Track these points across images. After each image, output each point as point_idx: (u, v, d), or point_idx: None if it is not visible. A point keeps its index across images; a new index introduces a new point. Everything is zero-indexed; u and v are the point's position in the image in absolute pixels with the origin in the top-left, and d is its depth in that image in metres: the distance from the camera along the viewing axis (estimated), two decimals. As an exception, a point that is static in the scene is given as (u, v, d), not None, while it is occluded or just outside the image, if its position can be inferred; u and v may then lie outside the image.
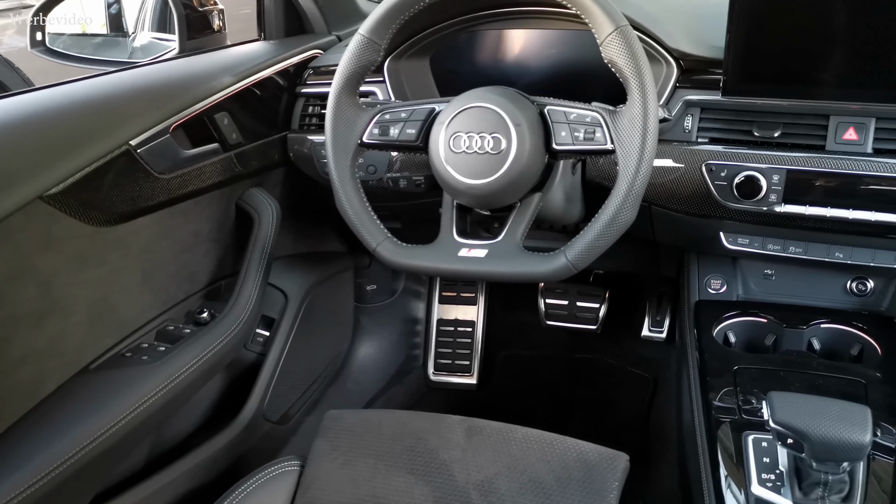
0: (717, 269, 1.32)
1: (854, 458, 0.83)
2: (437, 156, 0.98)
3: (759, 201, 1.08)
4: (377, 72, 1.28)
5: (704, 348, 1.17)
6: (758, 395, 1.04)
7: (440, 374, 1.94)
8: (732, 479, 0.94)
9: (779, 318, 1.22)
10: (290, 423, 1.52)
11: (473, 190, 0.97)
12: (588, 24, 0.92)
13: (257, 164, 1.38)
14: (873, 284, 1.23)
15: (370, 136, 1.04)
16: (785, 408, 0.84)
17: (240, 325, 1.25)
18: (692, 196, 1.13)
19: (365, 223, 1.04)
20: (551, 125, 0.96)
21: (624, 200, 0.91)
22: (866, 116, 1.03)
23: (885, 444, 0.95)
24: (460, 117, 0.97)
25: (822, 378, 1.08)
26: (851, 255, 1.14)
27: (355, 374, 1.80)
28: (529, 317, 1.87)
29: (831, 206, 1.06)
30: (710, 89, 1.09)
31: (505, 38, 1.32)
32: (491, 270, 0.98)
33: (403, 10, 0.99)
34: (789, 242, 1.16)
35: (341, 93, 1.03)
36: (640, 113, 0.89)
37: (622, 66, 0.90)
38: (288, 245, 1.58)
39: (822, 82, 1.02)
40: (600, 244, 0.93)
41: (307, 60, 1.45)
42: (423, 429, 1.10)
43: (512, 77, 1.31)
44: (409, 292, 1.97)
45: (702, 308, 1.27)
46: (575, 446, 1.04)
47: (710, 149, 1.11)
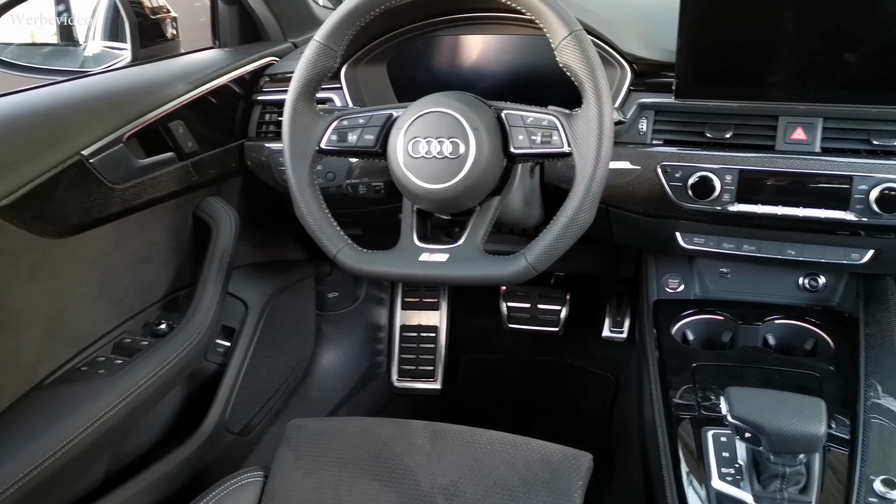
0: (674, 268, 1.34)
1: (810, 450, 0.85)
2: (396, 161, 0.98)
3: (713, 201, 1.10)
4: (334, 78, 1.27)
5: (664, 347, 1.19)
6: (716, 392, 1.06)
7: (404, 380, 1.93)
8: (693, 474, 0.96)
9: (735, 315, 1.24)
10: (253, 433, 1.50)
11: (433, 195, 0.97)
12: (543, 29, 0.93)
13: (214, 172, 1.36)
14: (824, 280, 1.26)
15: (328, 143, 1.03)
16: (742, 403, 0.85)
17: (199, 336, 1.23)
18: (648, 197, 1.15)
19: (325, 230, 1.03)
20: (509, 129, 0.97)
21: (582, 202, 0.92)
22: (814, 116, 1.06)
23: (839, 435, 0.98)
24: (418, 122, 0.97)
25: (778, 373, 1.11)
26: (803, 252, 1.17)
27: (318, 383, 1.78)
28: (492, 320, 1.88)
29: (782, 205, 1.08)
30: (663, 92, 1.11)
31: (461, 43, 1.32)
32: (452, 274, 0.98)
33: (359, 16, 0.99)
34: (743, 241, 1.19)
35: (298, 99, 1.03)
36: (595, 116, 0.90)
37: (577, 69, 0.91)
38: (247, 254, 1.57)
39: (770, 84, 1.05)
40: (559, 246, 0.94)
41: (263, 68, 1.44)
42: (387, 435, 1.09)
43: (469, 82, 1.31)
44: (372, 299, 1.96)
45: (660, 307, 1.29)
46: (539, 447, 1.04)
47: (664, 150, 1.13)
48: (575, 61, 0.91)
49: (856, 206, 1.04)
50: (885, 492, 0.87)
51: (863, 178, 1.03)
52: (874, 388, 1.03)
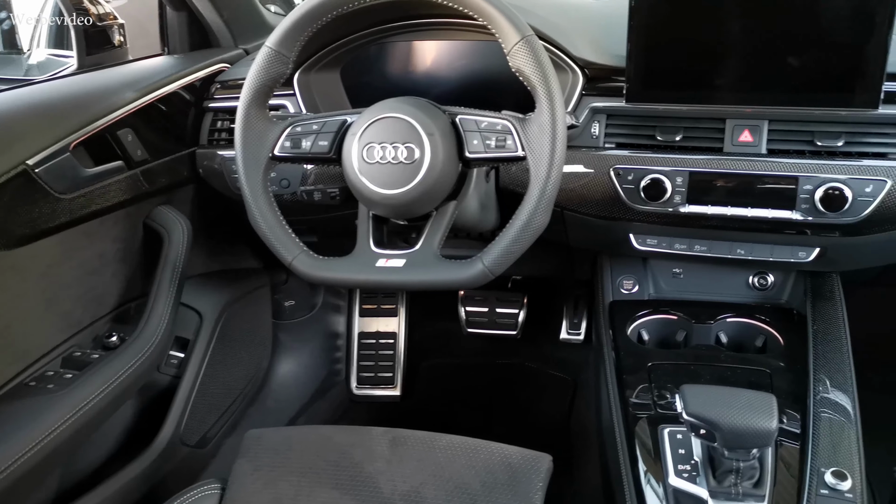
0: (628, 269, 1.36)
1: (762, 445, 0.87)
2: (351, 167, 0.98)
3: (665, 203, 1.12)
4: (287, 84, 1.26)
5: (620, 347, 1.21)
6: (671, 390, 1.08)
7: (363, 387, 1.92)
8: (651, 472, 0.97)
9: (688, 314, 1.27)
10: (209, 445, 1.47)
11: (389, 200, 0.97)
12: (495, 35, 0.94)
13: (165, 181, 1.33)
14: (773, 278, 1.29)
15: (282, 149, 1.02)
16: (696, 400, 0.87)
17: (152, 348, 1.20)
18: (602, 200, 1.16)
19: (279, 237, 1.02)
20: (463, 134, 0.97)
21: (537, 205, 0.92)
22: (759, 119, 1.09)
23: (790, 429, 1.00)
24: (373, 128, 0.97)
25: (730, 370, 1.14)
26: (752, 252, 1.20)
27: (276, 393, 1.76)
28: (450, 325, 1.88)
29: (731, 205, 1.11)
30: (614, 96, 1.13)
31: (415, 49, 1.32)
32: (409, 279, 0.98)
33: (311, 22, 0.99)
34: (695, 241, 1.21)
35: (250, 106, 1.01)
36: (548, 120, 0.91)
37: (529, 74, 0.92)
38: (201, 263, 1.54)
39: (717, 88, 1.07)
40: (516, 249, 0.94)
41: (214, 74, 1.42)
42: (346, 442, 1.09)
43: (423, 88, 1.31)
44: (329, 307, 1.95)
45: (616, 308, 1.31)
46: (499, 450, 1.04)
47: (617, 153, 1.14)
48: (527, 66, 0.92)
49: (801, 206, 1.07)
50: (835, 483, 0.90)
51: (808, 178, 1.06)
52: (823, 383, 1.06)
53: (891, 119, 1.04)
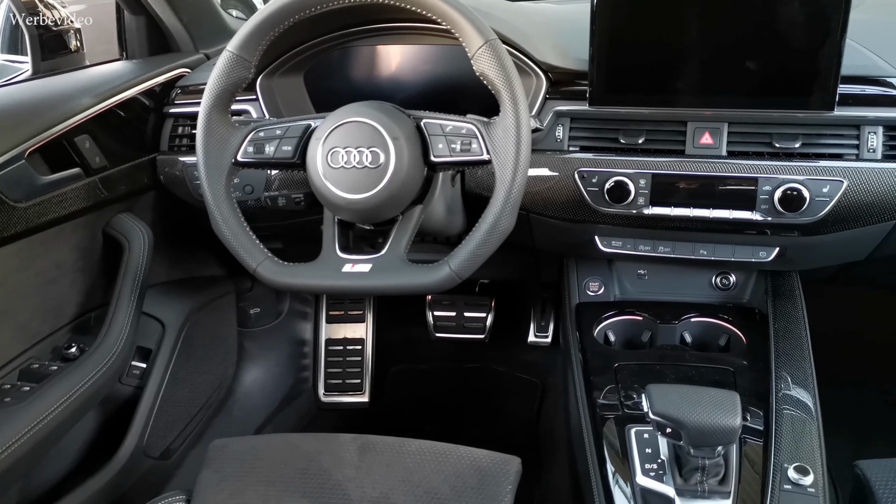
0: (594, 271, 1.37)
1: (727, 442, 0.89)
2: (316, 172, 0.97)
3: (629, 205, 1.13)
4: (249, 89, 1.25)
5: (587, 349, 1.22)
6: (638, 390, 1.09)
7: (331, 394, 1.91)
8: (619, 472, 0.98)
9: (653, 314, 1.28)
10: (174, 457, 1.45)
11: (354, 205, 0.96)
12: (459, 39, 0.94)
13: (125, 188, 1.31)
14: (735, 278, 1.32)
15: (245, 155, 1.01)
16: (662, 399, 0.88)
17: (113, 359, 1.18)
18: (567, 202, 1.17)
19: (243, 244, 1.01)
20: (428, 138, 0.97)
21: (502, 208, 0.93)
22: (719, 122, 1.11)
23: (754, 427, 1.02)
24: (337, 132, 0.96)
25: (695, 369, 1.15)
26: (714, 252, 1.22)
27: (242, 401, 1.74)
28: (418, 330, 1.88)
29: (693, 207, 1.12)
30: (578, 100, 1.14)
31: (379, 53, 1.32)
32: (376, 284, 0.97)
33: (272, 26, 0.98)
34: (658, 243, 1.23)
35: (212, 111, 1.00)
36: (513, 123, 0.92)
37: (493, 78, 0.92)
38: (163, 272, 1.51)
39: (678, 91, 1.09)
40: (482, 252, 0.94)
41: (174, 79, 1.40)
42: (314, 450, 1.07)
43: (388, 92, 1.31)
44: (295, 313, 1.93)
45: (582, 310, 1.32)
46: (468, 454, 1.04)
47: (581, 157, 1.15)
48: (491, 70, 0.92)
49: (761, 207, 1.09)
50: (798, 478, 0.91)
51: (767, 179, 1.08)
52: (784, 380, 1.08)
53: (846, 121, 1.07)
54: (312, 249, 1.02)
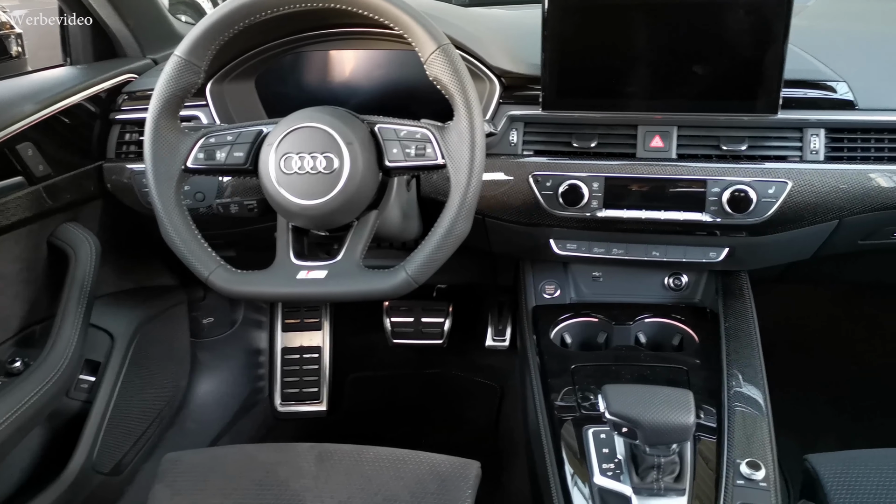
0: (550, 274, 1.38)
1: (681, 440, 0.90)
2: (269, 178, 0.96)
3: (583, 208, 1.15)
4: (199, 95, 1.23)
5: (544, 351, 1.23)
6: (594, 391, 1.10)
7: (288, 403, 1.88)
8: (577, 473, 0.99)
9: (608, 316, 1.30)
10: (125, 472, 1.41)
11: (308, 211, 0.95)
12: (412, 44, 0.94)
13: (70, 196, 1.28)
14: (687, 279, 1.34)
15: (195, 161, 0.99)
16: (618, 399, 0.89)
17: (59, 373, 1.14)
18: (522, 206, 1.18)
19: (195, 252, 0.99)
20: (383, 143, 0.97)
21: (458, 213, 0.93)
22: (669, 125, 1.13)
23: (707, 424, 1.04)
24: (290, 138, 0.95)
25: (650, 368, 1.17)
26: (666, 253, 1.24)
27: (196, 413, 1.70)
28: (376, 337, 1.87)
29: (645, 209, 1.14)
30: (531, 104, 1.15)
31: (332, 59, 1.31)
32: (331, 291, 0.97)
33: (222, 31, 0.96)
34: (612, 245, 1.24)
35: (160, 117, 0.98)
36: (467, 128, 0.92)
37: (447, 82, 0.92)
38: (111, 282, 1.48)
39: (628, 95, 1.10)
40: (438, 257, 0.94)
41: (120, 85, 1.37)
42: (271, 460, 1.06)
43: (341, 98, 1.30)
44: (250, 322, 1.90)
45: (539, 313, 1.33)
46: (427, 459, 1.04)
47: (535, 160, 1.16)
48: (444, 74, 0.92)
49: (710, 208, 1.12)
50: (750, 473, 0.94)
51: (715, 181, 1.11)
52: (736, 378, 1.10)
53: (789, 123, 1.10)
54: (266, 257, 1.01)
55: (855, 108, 1.09)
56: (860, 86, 1.09)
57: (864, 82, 1.10)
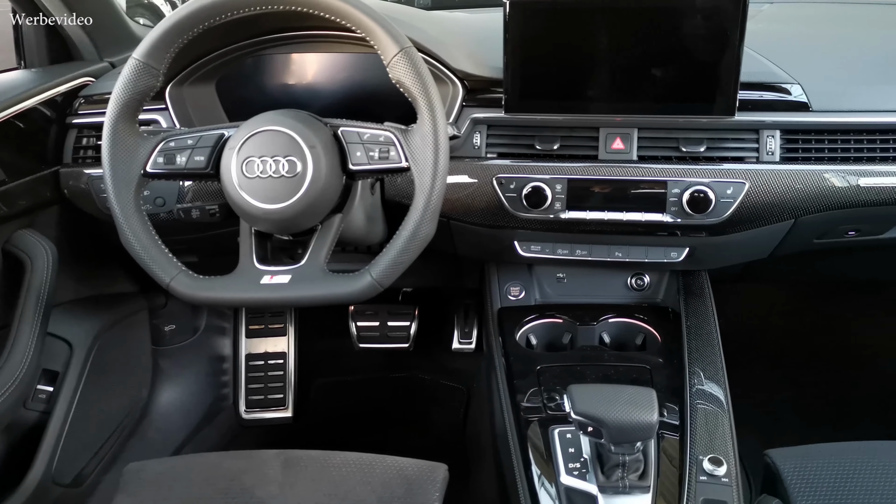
0: (514, 276, 1.39)
1: (645, 437, 0.91)
2: (231, 182, 0.95)
3: (546, 210, 1.16)
4: (158, 98, 1.21)
5: (509, 353, 1.23)
6: (560, 391, 1.11)
7: (253, 410, 1.86)
8: (544, 474, 0.99)
9: (573, 317, 1.31)
10: (86, 483, 1.38)
11: (271, 215, 0.94)
12: (374, 47, 0.94)
13: (25, 203, 1.25)
14: (649, 279, 1.36)
15: (154, 166, 0.98)
16: (583, 399, 0.90)
17: (15, 383, 1.12)
18: (486, 208, 1.19)
19: (155, 258, 0.97)
20: (346, 146, 0.96)
21: (422, 215, 0.93)
22: (629, 127, 1.14)
23: (670, 422, 1.05)
24: (252, 141, 0.94)
25: (614, 368, 1.18)
26: (629, 254, 1.26)
27: (158, 422, 1.67)
28: (342, 342, 1.86)
29: (608, 210, 1.16)
30: (494, 107, 1.16)
31: (293, 62, 1.30)
32: (296, 295, 0.96)
33: (181, 33, 0.95)
34: (576, 246, 1.26)
35: (118, 121, 0.96)
36: (430, 130, 0.92)
37: (410, 85, 0.92)
38: (69, 290, 1.44)
39: (589, 98, 1.12)
40: (403, 260, 0.94)
41: (77, 89, 1.34)
42: (236, 468, 1.04)
43: (303, 101, 1.29)
44: (213, 329, 1.88)
45: (504, 315, 1.34)
46: (394, 463, 1.04)
47: (498, 163, 1.17)
48: (407, 77, 0.92)
49: (671, 209, 1.13)
50: (712, 469, 0.95)
51: (675, 182, 1.12)
52: (697, 376, 1.12)
53: (746, 125, 1.12)
54: (229, 262, 1.00)
55: (809, 109, 1.12)
56: (813, 88, 1.12)
57: (817, 85, 1.13)
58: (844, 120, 1.12)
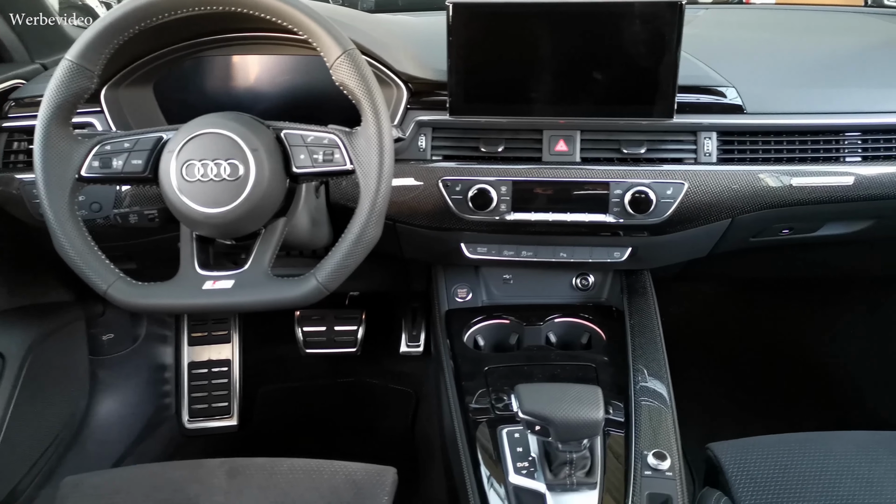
0: (462, 278, 1.39)
1: (591, 434, 0.92)
2: (170, 186, 0.93)
3: (492, 211, 1.16)
4: (93, 101, 1.17)
5: (457, 355, 1.24)
6: (507, 391, 1.12)
7: (196, 420, 1.82)
8: (493, 474, 1.00)
9: (519, 317, 1.32)
10: (22, 498, 1.33)
11: (213, 219, 0.93)
12: (317, 49, 0.93)
13: (-48, 209, 1.19)
14: (593, 279, 1.38)
15: (90, 170, 0.95)
16: (530, 398, 0.91)
17: None
18: (432, 211, 1.19)
19: (91, 265, 0.94)
20: (289, 149, 0.95)
21: (368, 218, 0.92)
22: (572, 130, 1.16)
23: (616, 419, 1.07)
24: (191, 144, 0.92)
25: (560, 367, 1.20)
26: (573, 254, 1.27)
27: (97, 434, 1.62)
28: (287, 348, 1.84)
29: (552, 212, 1.17)
30: (439, 110, 1.16)
31: (235, 64, 1.28)
32: (239, 301, 0.94)
33: (116, 34, 0.92)
34: (521, 247, 1.27)
35: (50, 124, 0.93)
36: (375, 133, 0.92)
37: (353, 88, 0.92)
38: (2, 299, 1.39)
39: (533, 101, 1.13)
40: (349, 263, 0.94)
41: (6, 91, 1.29)
42: (179, 478, 1.02)
43: (245, 104, 1.27)
44: (154, 337, 1.83)
45: (452, 317, 1.34)
46: (342, 468, 1.03)
47: (444, 165, 1.17)
48: (350, 79, 0.92)
49: (613, 209, 1.15)
50: (656, 463, 0.97)
51: (617, 183, 1.15)
52: (641, 373, 1.15)
53: (684, 127, 1.15)
54: (170, 269, 0.98)
55: (743, 112, 1.15)
56: (747, 91, 1.16)
57: (751, 87, 1.16)
58: (777, 122, 1.16)
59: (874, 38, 1.50)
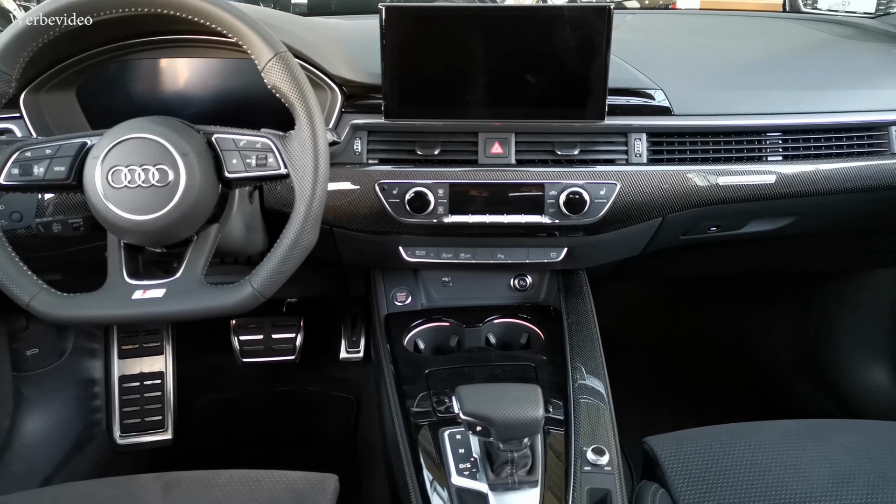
0: (400, 282, 1.39)
1: (532, 433, 0.93)
2: (95, 193, 0.90)
3: (429, 214, 1.17)
4: (11, 106, 1.12)
5: (398, 359, 1.23)
6: (448, 393, 1.12)
7: (128, 435, 1.76)
8: (435, 477, 1.00)
9: (459, 319, 1.33)
10: (-61, 528, 1.26)
11: (142, 226, 0.90)
12: (248, 52, 0.92)
13: None
14: (531, 279, 1.40)
15: (8, 178, 0.91)
16: (471, 399, 0.91)
17: None
18: (370, 215, 1.18)
19: (12, 276, 0.90)
20: (221, 153, 0.93)
21: (304, 223, 0.91)
22: (507, 132, 1.17)
23: (555, 417, 1.08)
24: (118, 150, 0.90)
25: (500, 367, 1.21)
26: (511, 256, 1.29)
27: (22, 454, 1.55)
28: (224, 357, 1.80)
29: (489, 213, 1.18)
30: (374, 113, 1.15)
31: (163, 67, 1.25)
32: (171, 310, 0.92)
33: (34, 37, 0.89)
34: (460, 250, 1.27)
35: (-35, 129, 0.89)
36: (309, 136, 0.91)
37: (286, 91, 0.91)
38: (-86, 316, 1.32)
39: (468, 104, 1.13)
40: (285, 269, 0.92)
41: None
42: (110, 496, 0.98)
43: (174, 108, 1.24)
44: (82, 351, 1.76)
45: (391, 321, 1.33)
46: (282, 477, 1.01)
47: (380, 169, 1.17)
48: (283, 83, 0.90)
49: (549, 210, 1.17)
50: (595, 459, 0.99)
51: (552, 184, 1.16)
52: (579, 371, 1.16)
53: (615, 129, 1.17)
54: (98, 279, 0.94)
55: (671, 113, 1.18)
56: (675, 93, 1.19)
57: (677, 90, 1.20)
58: (703, 123, 1.19)
59: (793, 43, 1.57)
